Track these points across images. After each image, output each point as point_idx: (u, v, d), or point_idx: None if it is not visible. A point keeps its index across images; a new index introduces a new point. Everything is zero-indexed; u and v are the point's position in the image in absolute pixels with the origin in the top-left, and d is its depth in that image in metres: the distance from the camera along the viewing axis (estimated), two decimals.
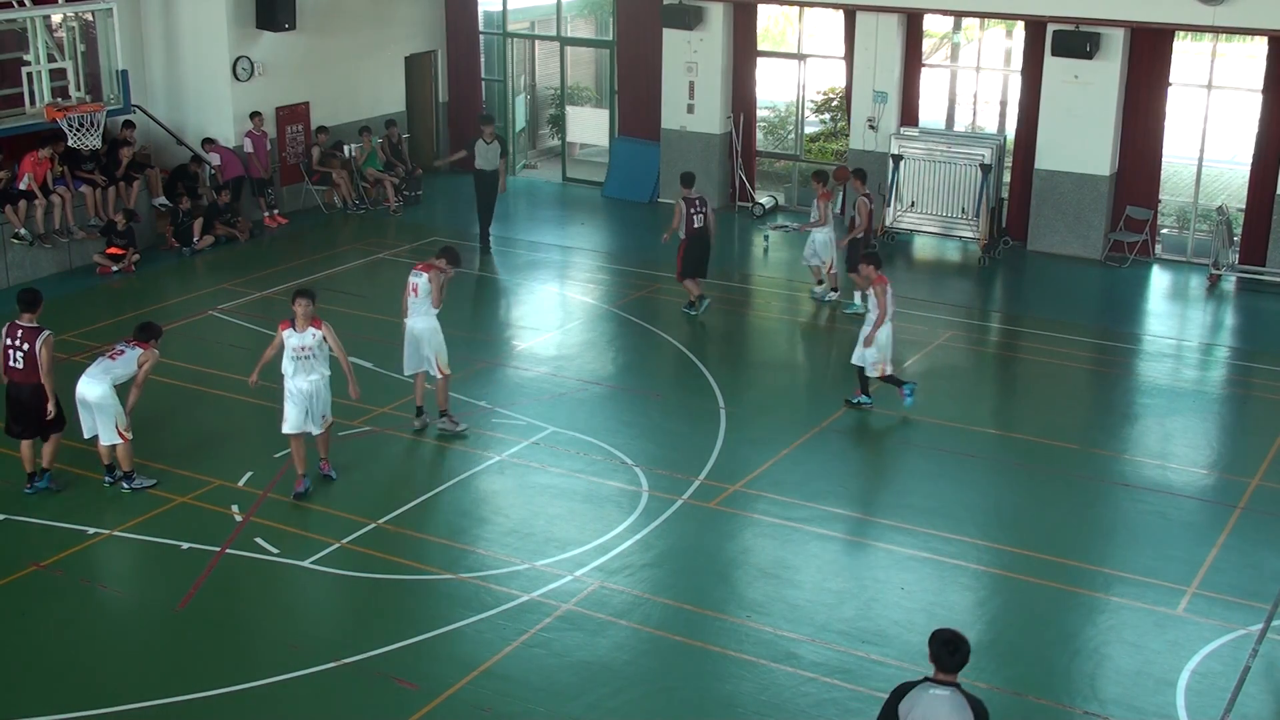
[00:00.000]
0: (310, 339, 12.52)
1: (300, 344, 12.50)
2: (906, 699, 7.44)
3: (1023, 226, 21.36)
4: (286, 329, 12.54)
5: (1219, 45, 20.51)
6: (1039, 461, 13.95)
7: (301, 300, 12.47)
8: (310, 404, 12.68)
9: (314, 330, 12.52)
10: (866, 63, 21.78)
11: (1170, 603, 11.28)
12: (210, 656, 10.46)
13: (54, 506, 12.62)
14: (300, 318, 12.47)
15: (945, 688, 7.43)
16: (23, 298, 12.87)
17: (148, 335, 13.03)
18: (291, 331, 12.51)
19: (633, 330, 17.74)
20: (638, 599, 11.27)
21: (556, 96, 26.83)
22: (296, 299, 12.52)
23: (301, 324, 12.49)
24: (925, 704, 7.38)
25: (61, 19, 19.13)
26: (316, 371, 12.63)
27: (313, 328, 12.51)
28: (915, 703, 7.41)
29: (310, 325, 12.50)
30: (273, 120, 22.46)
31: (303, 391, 12.62)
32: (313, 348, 12.56)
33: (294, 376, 12.58)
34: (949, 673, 7.44)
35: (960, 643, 7.41)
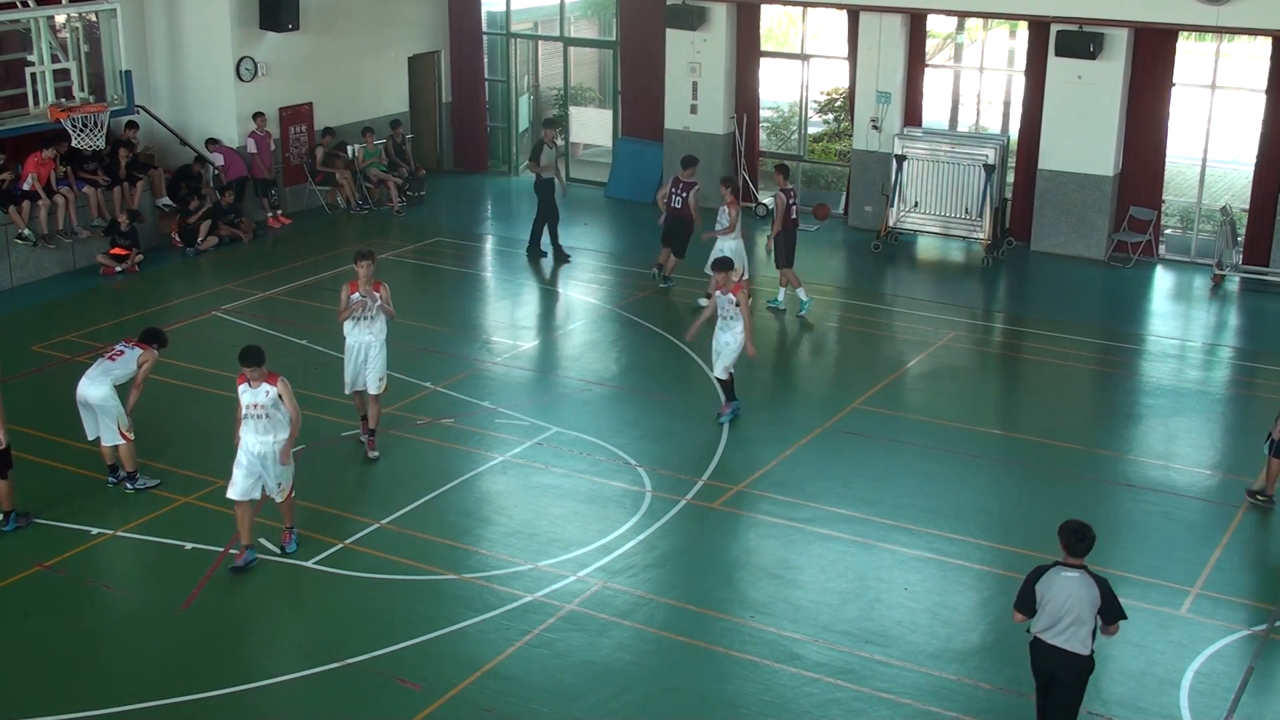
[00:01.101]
0: (264, 396, 11.38)
1: (253, 401, 11.42)
2: (1042, 580, 8.64)
3: (1026, 227, 21.34)
4: (241, 384, 11.50)
5: (1222, 45, 20.49)
6: (1042, 462, 13.94)
7: (246, 365, 11.35)
8: (263, 468, 11.53)
9: (268, 387, 11.39)
10: (870, 63, 21.77)
11: (1174, 603, 11.27)
12: (213, 657, 10.47)
13: (57, 507, 12.62)
14: (255, 377, 11.40)
15: (1074, 570, 8.63)
16: None
17: (150, 340, 13.01)
18: (246, 387, 11.47)
19: (636, 331, 17.74)
20: (641, 599, 11.27)
21: (560, 97, 26.84)
22: (243, 361, 11.40)
23: (254, 380, 11.42)
24: (1059, 584, 8.59)
25: (65, 19, 19.12)
26: (272, 433, 11.45)
27: (267, 384, 11.39)
28: (1050, 584, 8.63)
29: (265, 381, 11.40)
30: (276, 121, 22.46)
31: (254, 454, 11.47)
32: (266, 406, 11.39)
33: (248, 436, 11.50)
34: (1077, 557, 8.62)
35: (1087, 530, 8.64)
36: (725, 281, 14.39)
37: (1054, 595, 8.59)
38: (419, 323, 17.81)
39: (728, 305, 14.40)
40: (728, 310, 14.43)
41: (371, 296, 13.48)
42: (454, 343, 17.15)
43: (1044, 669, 8.84)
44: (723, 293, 14.42)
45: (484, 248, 21.79)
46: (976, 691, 10.10)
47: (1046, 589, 8.62)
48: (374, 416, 13.78)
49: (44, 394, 15.26)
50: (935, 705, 9.90)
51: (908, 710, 9.86)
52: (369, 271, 13.40)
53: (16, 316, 17.95)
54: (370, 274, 13.41)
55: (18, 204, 18.96)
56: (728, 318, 14.46)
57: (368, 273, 13.39)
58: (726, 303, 14.41)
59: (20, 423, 14.22)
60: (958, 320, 18.26)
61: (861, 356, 17.28)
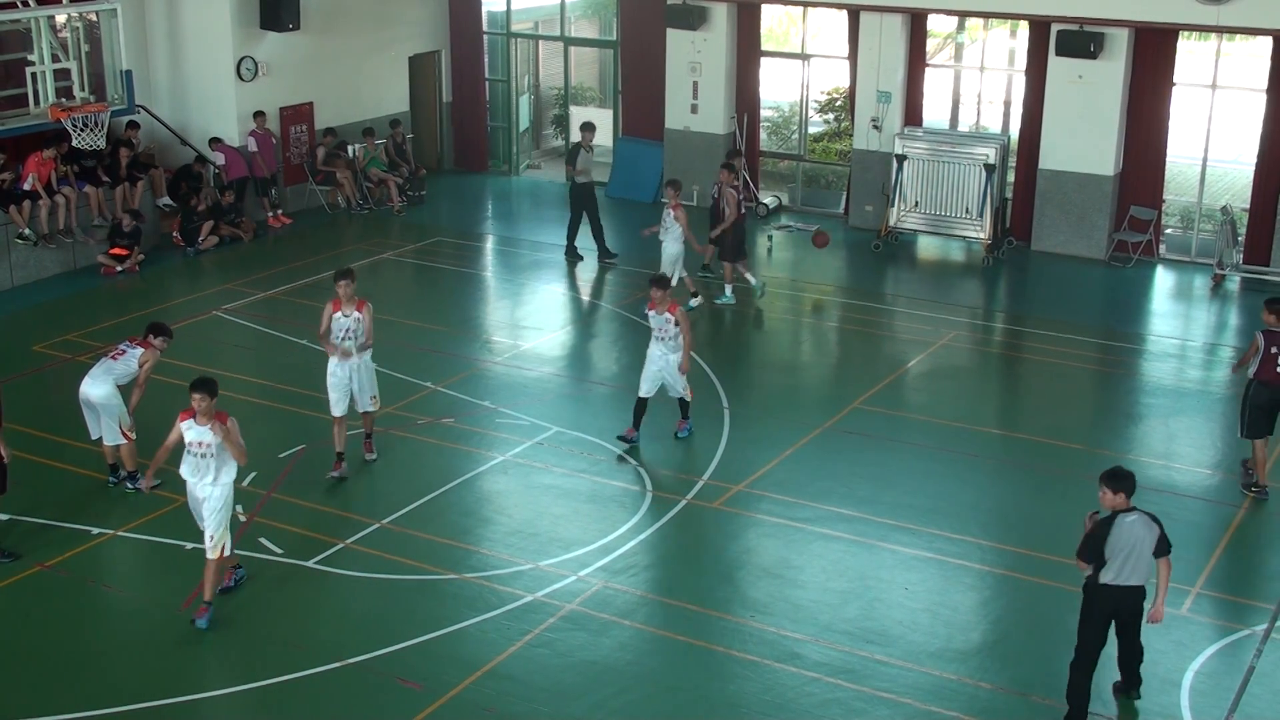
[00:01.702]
0: (208, 434, 10.50)
1: (199, 439, 10.56)
2: (1111, 534, 9.18)
3: (1027, 226, 21.34)
4: (186, 420, 10.62)
5: (1223, 45, 20.49)
6: (1043, 461, 13.94)
7: (198, 395, 10.50)
8: (196, 513, 10.82)
9: (215, 425, 10.52)
10: (870, 63, 21.76)
11: (1174, 602, 11.26)
12: (214, 657, 10.48)
13: (58, 507, 12.62)
14: (201, 413, 10.50)
15: (1131, 513, 9.21)
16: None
17: (154, 333, 12.98)
18: (191, 423, 10.60)
19: (636, 330, 17.72)
20: (641, 599, 11.27)
21: (560, 96, 26.84)
22: (197, 390, 10.54)
23: (201, 417, 10.54)
24: (1125, 529, 9.18)
25: (66, 19, 19.13)
26: (211, 473, 10.59)
27: (216, 421, 10.52)
28: (1118, 532, 9.17)
29: (212, 419, 10.52)
30: (276, 120, 22.46)
31: (195, 499, 10.76)
32: (211, 445, 10.55)
33: (189, 479, 10.70)
34: (1129, 496, 9.22)
35: (1125, 471, 9.33)
36: (663, 300, 13.70)
37: (1123, 543, 9.18)
38: (419, 322, 17.84)
39: (666, 325, 13.74)
40: (666, 330, 13.75)
41: (354, 317, 13.00)
42: (454, 342, 17.15)
43: (1109, 611, 9.46)
44: (658, 312, 13.75)
45: (484, 247, 21.79)
46: (977, 691, 10.10)
47: (1116, 539, 9.17)
48: (369, 423, 13.60)
49: (45, 394, 15.27)
50: (935, 705, 9.90)
51: (908, 710, 9.87)
52: (350, 291, 12.98)
53: (17, 316, 17.96)
54: (352, 293, 13.00)
55: (18, 204, 18.96)
56: (666, 338, 13.78)
57: (348, 292, 12.96)
58: (664, 322, 13.74)
59: (21, 423, 14.24)
60: (958, 320, 18.26)
61: (862, 356, 17.28)
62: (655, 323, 13.82)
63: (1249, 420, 13.08)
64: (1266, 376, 12.84)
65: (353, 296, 12.99)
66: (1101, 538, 9.27)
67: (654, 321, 13.84)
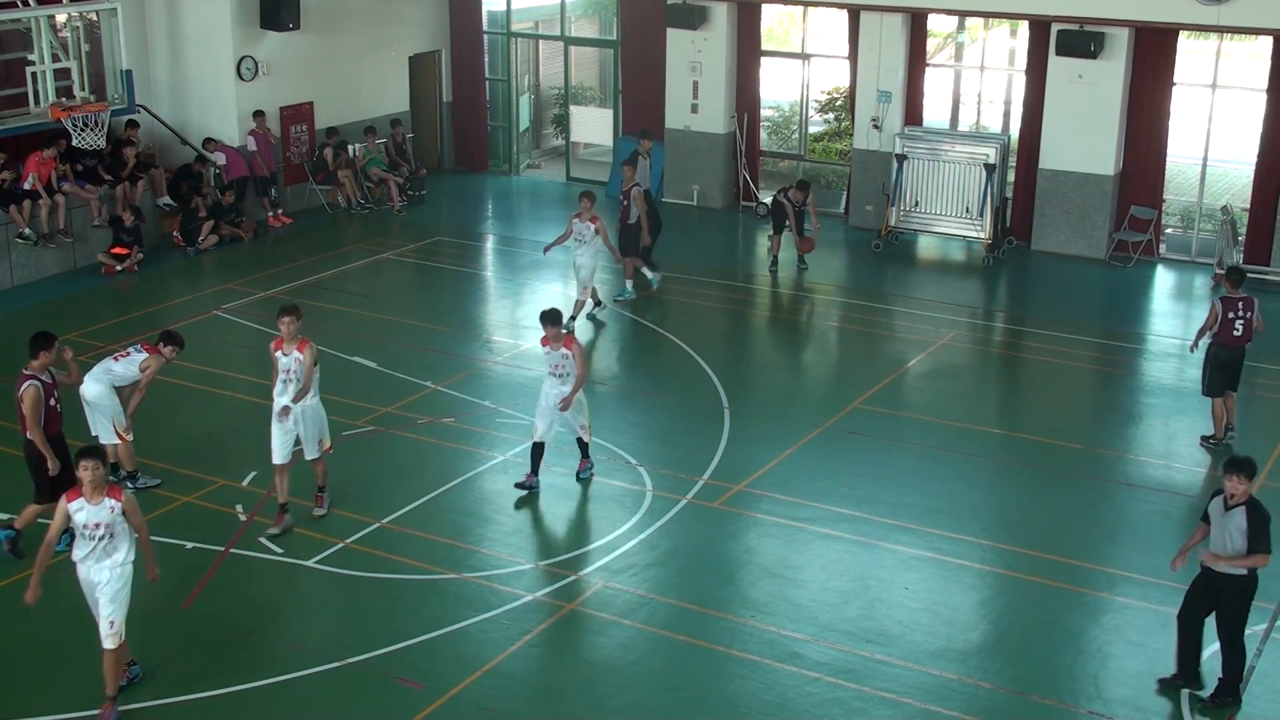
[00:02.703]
0: (105, 513, 9.36)
1: (92, 520, 9.37)
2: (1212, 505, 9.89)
3: (1027, 226, 21.34)
4: (75, 499, 9.43)
5: (1223, 45, 20.50)
6: (1043, 461, 13.94)
7: (88, 463, 9.30)
8: (93, 601, 9.65)
9: (112, 502, 9.36)
10: (871, 62, 21.76)
11: (1175, 602, 11.21)
12: (214, 656, 10.47)
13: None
14: (89, 484, 9.31)
15: None
16: None
17: (166, 341, 12.84)
18: (81, 503, 9.39)
19: (637, 330, 17.74)
20: (642, 599, 11.27)
21: (560, 96, 26.84)
22: (84, 460, 9.32)
23: (93, 493, 9.34)
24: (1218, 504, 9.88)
25: (66, 19, 19.13)
26: (111, 558, 9.47)
27: (110, 498, 9.36)
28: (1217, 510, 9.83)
29: (105, 495, 9.36)
30: (277, 120, 22.46)
31: (85, 581, 9.59)
32: (108, 525, 9.38)
33: (82, 561, 9.51)
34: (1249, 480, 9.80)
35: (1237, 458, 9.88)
36: (556, 335, 12.75)
37: None
38: (419, 322, 17.84)
39: (563, 361, 12.78)
40: (563, 367, 12.81)
41: (293, 357, 11.94)
42: (454, 342, 17.15)
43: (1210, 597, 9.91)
44: (553, 349, 12.77)
45: (484, 247, 21.80)
46: (977, 691, 10.10)
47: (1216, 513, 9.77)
48: (320, 473, 12.50)
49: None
50: (936, 705, 9.90)
51: (908, 709, 9.87)
52: (292, 329, 11.95)
53: (17, 316, 17.95)
54: (294, 331, 11.96)
55: (18, 203, 18.96)
56: (563, 374, 12.82)
57: (290, 330, 11.94)
58: (560, 359, 12.78)
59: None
60: (958, 320, 18.26)
61: (862, 356, 17.28)
62: (551, 360, 12.86)
63: (1208, 380, 14.21)
64: (1224, 339, 14.05)
65: (295, 335, 11.98)
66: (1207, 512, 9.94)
67: (549, 359, 12.87)
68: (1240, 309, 14.02)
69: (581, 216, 17.29)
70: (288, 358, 11.97)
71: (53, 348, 11.59)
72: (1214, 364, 14.14)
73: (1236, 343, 14.06)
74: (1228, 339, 14.04)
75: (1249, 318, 14.00)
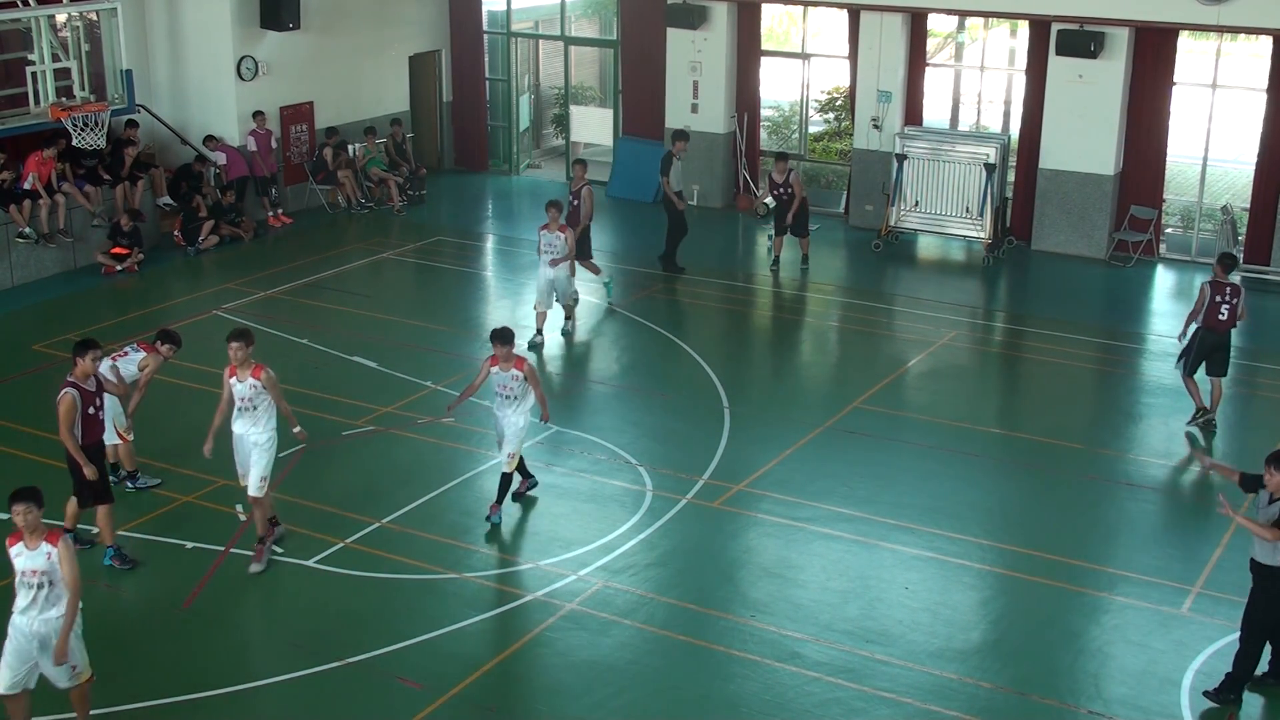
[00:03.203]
0: (43, 560, 8.76)
1: (30, 567, 8.79)
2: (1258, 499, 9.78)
3: (1027, 226, 21.34)
4: (14, 545, 8.85)
5: (1223, 44, 20.49)
6: (1043, 461, 13.94)
7: (20, 506, 8.73)
8: (40, 654, 8.94)
9: (48, 548, 8.76)
10: (871, 62, 21.76)
11: (1175, 602, 11.27)
12: (214, 656, 10.47)
13: (58, 506, 12.60)
14: (27, 530, 8.76)
15: None
16: None
17: (164, 340, 12.87)
18: (21, 548, 8.81)
19: (637, 330, 17.74)
20: (641, 598, 11.27)
21: (560, 96, 26.84)
22: (17, 502, 8.75)
23: (32, 538, 8.79)
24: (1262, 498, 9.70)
25: (66, 18, 19.13)
26: (55, 608, 8.86)
27: (46, 543, 8.78)
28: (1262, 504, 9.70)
29: (43, 540, 8.79)
30: (277, 120, 22.46)
31: (25, 634, 8.86)
32: (46, 573, 8.78)
33: (23, 612, 8.85)
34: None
35: None
36: (507, 356, 12.09)
37: None
38: (420, 322, 17.84)
39: (512, 382, 12.13)
40: (512, 389, 12.13)
41: (249, 383, 11.26)
42: (454, 342, 17.15)
43: None
44: (502, 369, 12.10)
45: (485, 247, 21.79)
46: (977, 691, 10.09)
47: None
48: (258, 521, 11.63)
49: (44, 393, 15.20)
50: (936, 704, 9.90)
51: (908, 709, 9.86)
52: (243, 355, 11.24)
53: (17, 316, 17.96)
54: (246, 357, 11.26)
55: (18, 203, 18.96)
56: (512, 397, 12.16)
57: (240, 356, 11.23)
58: (509, 379, 12.12)
59: (21, 422, 14.29)
60: (958, 319, 18.26)
61: (862, 355, 17.28)
62: (499, 380, 12.11)
63: (1191, 360, 14.58)
64: (1210, 323, 14.36)
65: (247, 360, 11.26)
66: None
67: (497, 379, 12.11)
68: (1228, 294, 14.30)
69: (549, 227, 16.62)
70: (243, 384, 11.28)
71: (87, 355, 11.16)
72: (1199, 347, 14.49)
73: (1223, 327, 14.35)
74: (1214, 323, 14.34)
75: (1235, 304, 14.31)
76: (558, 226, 16.61)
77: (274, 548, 11.84)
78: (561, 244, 16.59)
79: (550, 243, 16.57)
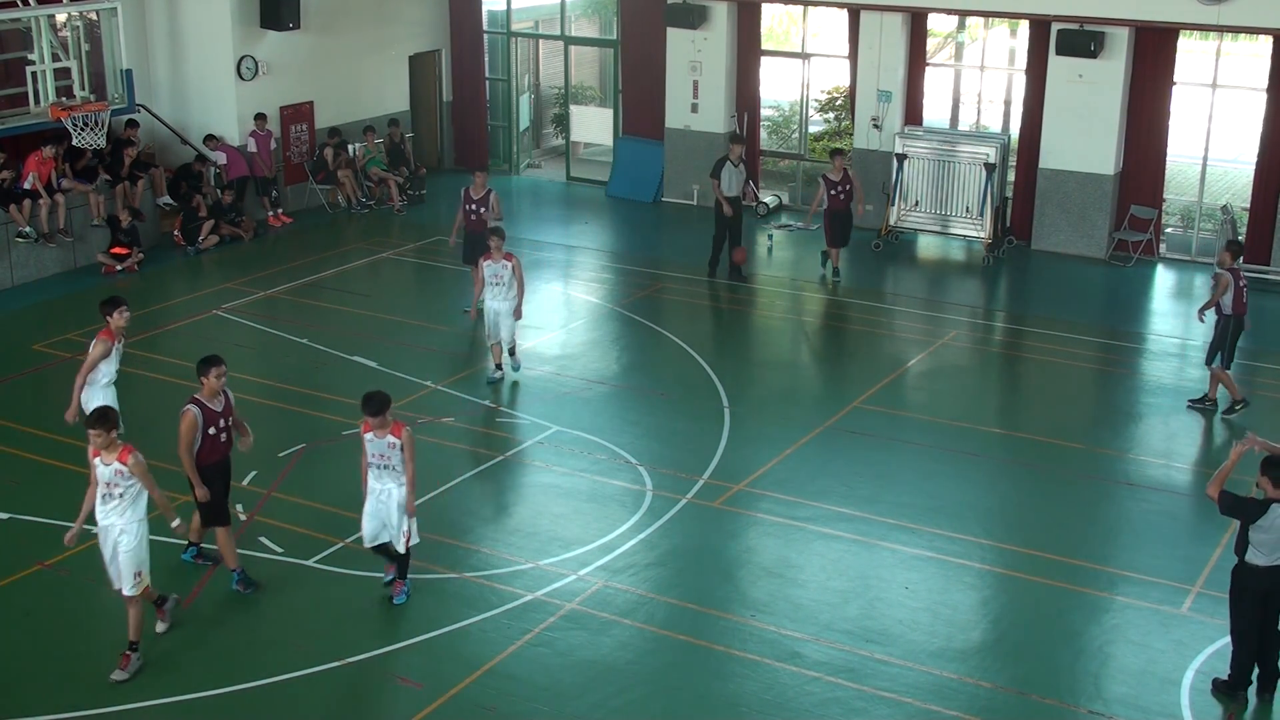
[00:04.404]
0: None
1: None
2: (1259, 523, 9.50)
3: (1027, 225, 21.34)
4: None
5: (1223, 44, 20.49)
6: (1043, 461, 13.94)
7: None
8: None
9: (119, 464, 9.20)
10: (871, 62, 21.76)
11: (1175, 602, 11.27)
12: (214, 656, 10.46)
13: (58, 506, 12.61)
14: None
15: None
16: None
17: (106, 309, 12.48)
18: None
19: (637, 329, 17.74)
20: (641, 598, 11.27)
21: (561, 96, 26.84)
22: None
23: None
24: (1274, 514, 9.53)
25: (66, 18, 19.13)
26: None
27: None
28: (1271, 521, 9.48)
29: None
30: (277, 119, 22.47)
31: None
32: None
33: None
34: None
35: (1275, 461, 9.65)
36: (381, 424, 10.67)
37: (1275, 530, 9.50)
38: (420, 321, 17.84)
39: (389, 451, 10.73)
40: (389, 458, 10.74)
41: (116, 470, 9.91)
42: (454, 341, 17.15)
43: (1264, 589, 9.64)
44: (377, 435, 10.71)
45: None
46: (977, 690, 10.09)
47: (1269, 526, 9.48)
48: (132, 624, 10.19)
49: (44, 393, 15.26)
50: (936, 704, 9.90)
51: (908, 709, 9.86)
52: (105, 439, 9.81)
53: (17, 315, 17.95)
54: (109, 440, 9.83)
55: (18, 202, 18.96)
56: (390, 467, 10.77)
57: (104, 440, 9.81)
58: (385, 447, 10.72)
59: (21, 422, 14.28)
60: (958, 319, 18.26)
61: (862, 355, 17.28)
62: (374, 449, 10.74)
63: (1228, 352, 14.85)
64: (1239, 309, 14.80)
65: (112, 444, 9.92)
66: (1251, 514, 9.56)
67: (373, 448, 10.74)
68: (1242, 279, 14.83)
69: (493, 257, 15.16)
70: (108, 468, 9.89)
71: (210, 372, 10.81)
72: (1233, 335, 14.84)
73: (1246, 310, 14.83)
74: (1241, 308, 14.75)
75: (1243, 288, 14.82)
76: (502, 255, 15.19)
77: None
78: (509, 275, 15.17)
79: (496, 273, 15.15)
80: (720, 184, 19.07)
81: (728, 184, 19.08)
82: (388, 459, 10.75)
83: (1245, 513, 9.62)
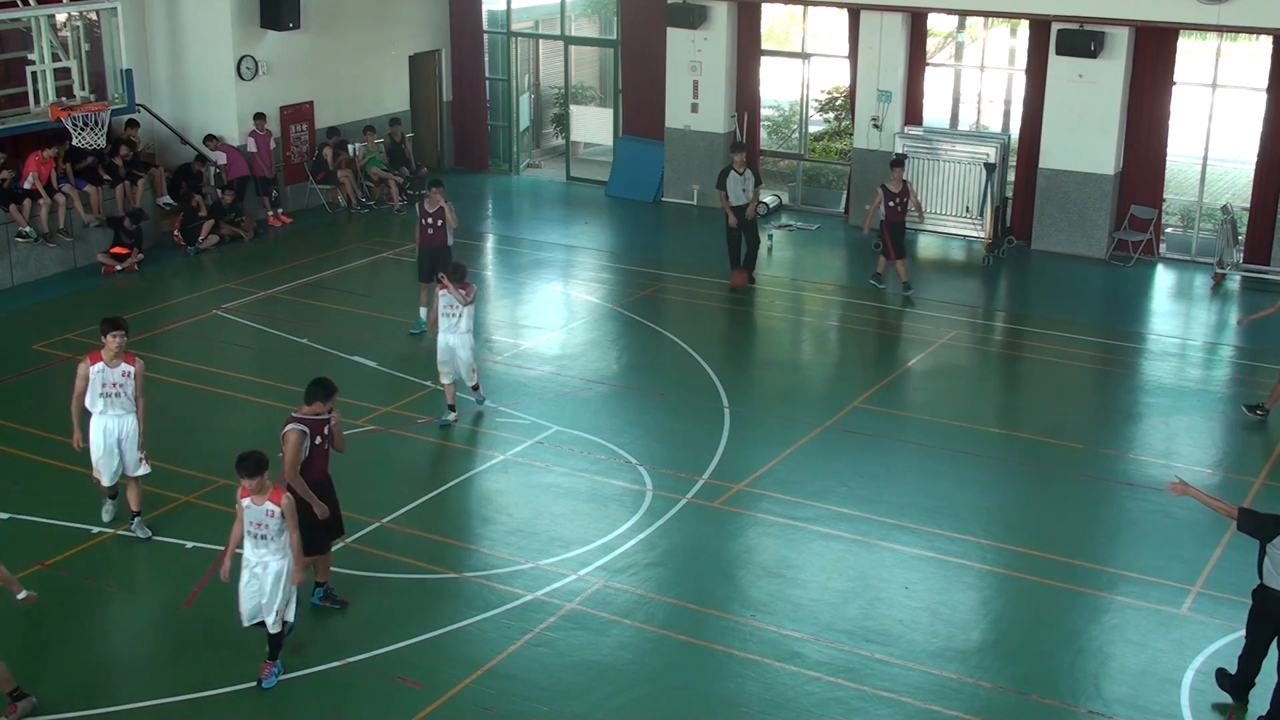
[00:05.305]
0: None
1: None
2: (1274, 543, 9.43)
3: (1027, 225, 21.34)
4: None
5: (1223, 44, 20.49)
6: (1043, 461, 13.94)
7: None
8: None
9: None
10: (871, 62, 21.76)
11: (1175, 602, 11.27)
12: (214, 655, 10.46)
13: (58, 506, 12.63)
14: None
15: None
16: None
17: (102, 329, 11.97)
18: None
19: (637, 329, 17.74)
20: (641, 598, 11.27)
21: (560, 96, 26.84)
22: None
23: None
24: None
25: (66, 18, 19.13)
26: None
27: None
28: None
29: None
30: (277, 119, 22.47)
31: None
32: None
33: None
34: None
35: None
36: (259, 488, 9.64)
37: None
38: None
39: (267, 520, 9.71)
40: (267, 527, 9.71)
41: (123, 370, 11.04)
42: None
43: (1277, 611, 9.55)
44: (255, 502, 9.68)
45: (484, 246, 21.78)
46: (977, 690, 10.09)
47: None
48: (134, 498, 11.50)
49: (44, 393, 15.26)
50: (936, 704, 9.90)
51: (908, 709, 9.86)
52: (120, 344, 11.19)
53: (17, 315, 17.95)
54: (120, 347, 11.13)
55: (19, 202, 18.96)
56: (269, 536, 9.74)
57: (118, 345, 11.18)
58: (263, 515, 9.70)
59: (21, 422, 14.29)
60: (958, 319, 18.26)
61: (862, 355, 17.29)
62: (252, 516, 9.71)
63: None
64: None
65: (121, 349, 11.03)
66: (1269, 533, 9.47)
67: (251, 515, 9.71)
68: None
69: (448, 286, 14.17)
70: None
71: (331, 398, 10.59)
72: None
73: None
74: None
75: None
76: (465, 285, 14.19)
77: None
78: (464, 312, 14.20)
79: (451, 303, 14.14)
80: (727, 195, 18.85)
81: (734, 193, 18.86)
82: (265, 528, 9.69)
83: (1263, 532, 9.53)
